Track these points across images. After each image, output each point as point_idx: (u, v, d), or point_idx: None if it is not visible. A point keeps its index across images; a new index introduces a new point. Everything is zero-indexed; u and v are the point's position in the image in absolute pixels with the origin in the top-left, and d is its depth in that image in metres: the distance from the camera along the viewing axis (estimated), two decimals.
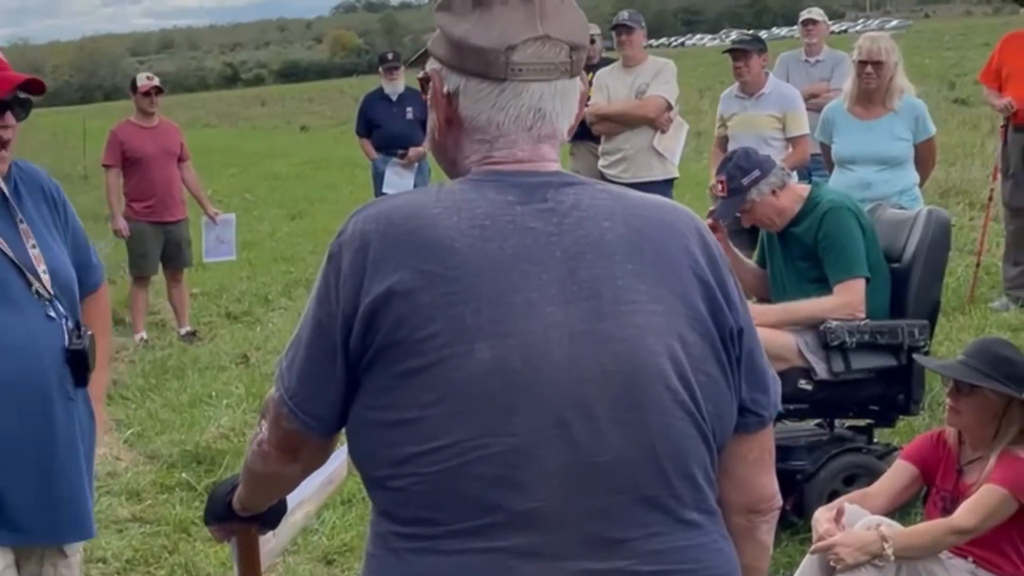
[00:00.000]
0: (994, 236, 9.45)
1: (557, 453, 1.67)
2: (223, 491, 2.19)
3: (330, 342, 1.72)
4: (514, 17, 1.74)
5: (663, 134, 7.75)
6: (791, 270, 4.96)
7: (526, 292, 1.68)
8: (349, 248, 1.72)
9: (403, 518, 1.71)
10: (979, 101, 12.14)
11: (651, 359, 1.70)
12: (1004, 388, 3.74)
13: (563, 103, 1.80)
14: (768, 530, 1.95)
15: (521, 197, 1.74)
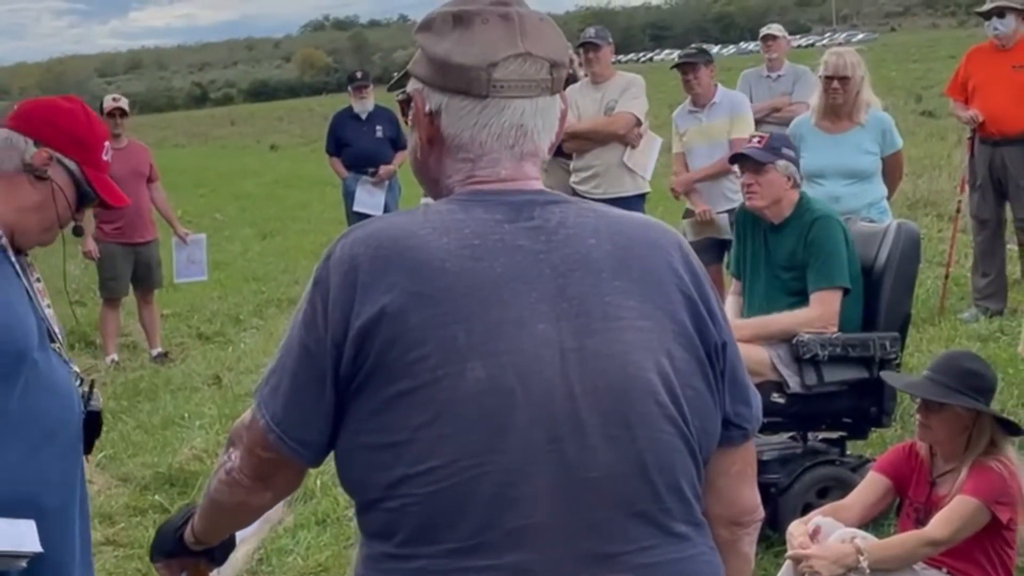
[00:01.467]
0: (962, 247, 9.52)
1: (550, 470, 1.68)
2: (173, 525, 2.17)
3: (319, 367, 1.72)
4: (495, 35, 1.77)
5: (633, 149, 7.79)
6: (773, 281, 4.98)
7: (518, 310, 1.70)
8: (338, 271, 1.72)
9: (397, 539, 1.71)
10: (946, 113, 12.25)
11: (640, 375, 1.72)
12: (973, 403, 3.77)
13: (544, 120, 1.82)
14: (750, 542, 1.98)
15: (508, 216, 1.76)
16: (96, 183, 2.77)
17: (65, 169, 2.73)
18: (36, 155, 2.69)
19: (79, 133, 2.76)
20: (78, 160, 2.75)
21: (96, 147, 2.78)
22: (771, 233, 5.03)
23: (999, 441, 3.84)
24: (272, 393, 1.78)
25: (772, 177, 4.95)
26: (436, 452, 1.67)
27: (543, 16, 1.84)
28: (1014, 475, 3.78)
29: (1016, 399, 6.12)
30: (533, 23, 1.80)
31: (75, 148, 2.74)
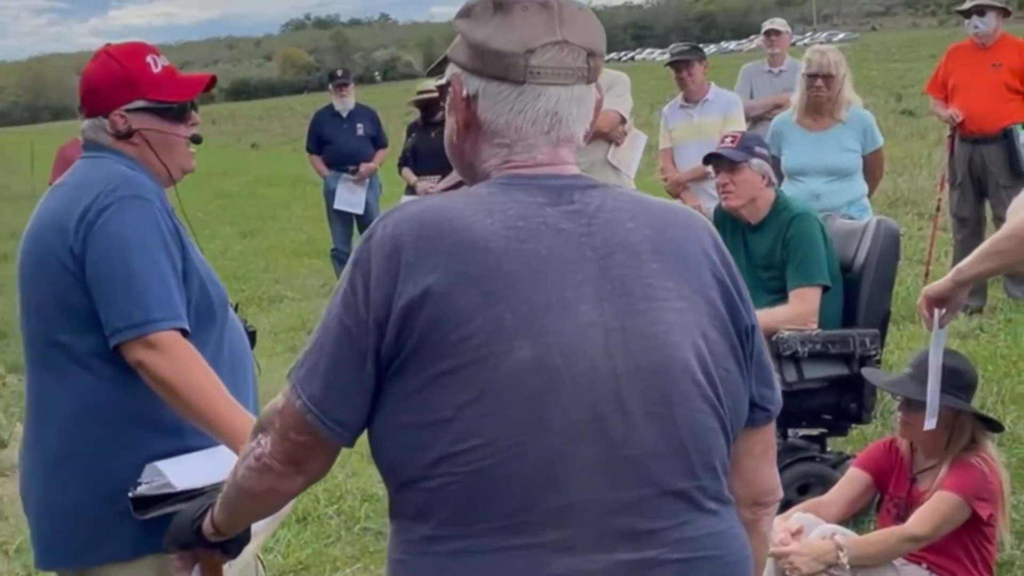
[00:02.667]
0: (942, 245, 9.55)
1: (591, 448, 1.71)
2: (190, 516, 2.17)
3: (359, 348, 1.73)
4: (534, 22, 1.80)
5: (618, 147, 7.79)
6: (752, 280, 4.98)
7: (562, 291, 1.72)
8: (380, 252, 1.74)
9: (436, 520, 1.72)
10: (926, 112, 12.29)
11: (679, 355, 1.76)
12: (954, 402, 3.78)
13: (579, 108, 1.85)
14: (768, 522, 2.02)
15: (550, 199, 1.79)
16: (167, 97, 2.83)
17: (140, 112, 2.81)
18: (110, 124, 2.80)
19: (118, 78, 2.81)
20: (138, 96, 2.81)
21: (138, 76, 2.82)
22: (750, 232, 5.04)
23: (979, 438, 3.86)
24: (309, 374, 1.78)
25: (746, 176, 4.96)
26: (479, 430, 1.69)
27: (582, 5, 1.87)
28: (994, 471, 3.79)
29: (996, 396, 6.15)
30: (572, 12, 1.83)
31: (126, 92, 2.81)
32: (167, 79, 2.83)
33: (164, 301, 2.60)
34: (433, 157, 9.20)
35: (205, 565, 2.21)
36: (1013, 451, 5.34)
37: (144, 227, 2.65)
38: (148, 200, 2.68)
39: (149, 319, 2.58)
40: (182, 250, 2.70)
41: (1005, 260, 3.27)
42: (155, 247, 2.64)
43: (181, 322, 2.63)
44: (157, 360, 2.57)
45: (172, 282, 2.64)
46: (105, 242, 2.62)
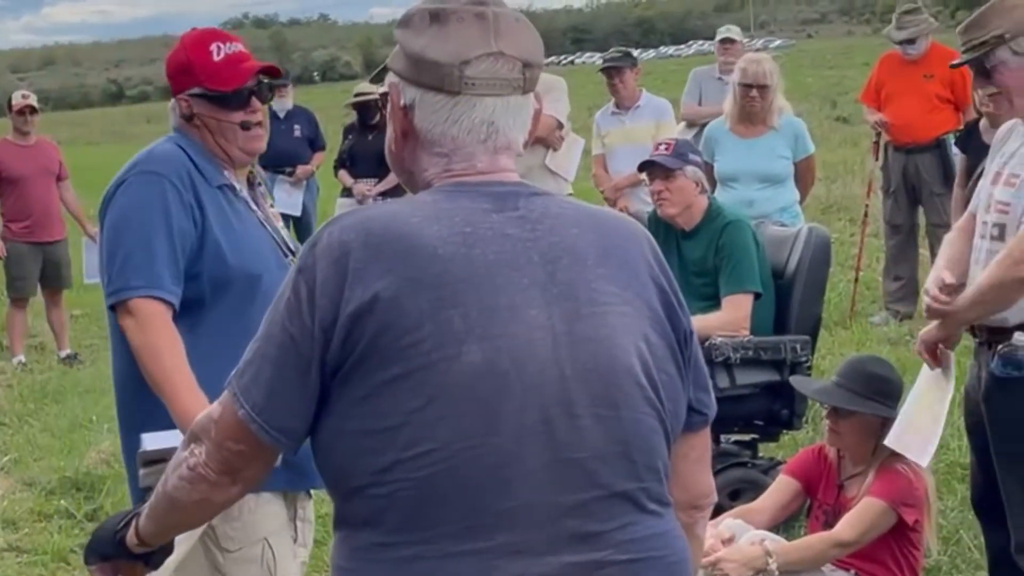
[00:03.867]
0: (874, 251, 9.67)
1: (540, 451, 1.72)
2: (112, 527, 2.12)
3: (304, 355, 1.73)
4: (469, 33, 1.82)
5: (555, 152, 7.79)
6: (685, 287, 4.97)
7: (510, 296, 1.74)
8: (326, 258, 1.73)
9: (387, 526, 1.72)
10: (859, 119, 12.43)
11: (624, 358, 1.78)
12: (881, 410, 3.82)
13: (516, 118, 1.86)
14: (703, 526, 2.06)
15: (495, 206, 1.80)
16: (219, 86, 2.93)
17: (198, 98, 2.94)
18: (178, 107, 2.98)
19: (181, 64, 2.97)
20: (196, 84, 2.94)
21: (197, 64, 2.94)
22: (683, 239, 5.06)
23: None
24: (252, 383, 1.77)
25: (681, 183, 4.99)
26: (430, 435, 1.69)
27: (519, 16, 1.87)
28: (920, 477, 3.83)
29: None
30: (508, 23, 1.84)
31: (186, 79, 2.95)
32: (225, 67, 2.93)
33: (144, 270, 2.78)
34: (370, 160, 9.18)
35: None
36: (940, 457, 5.39)
37: (145, 201, 2.83)
38: (160, 175, 2.85)
39: (126, 286, 2.79)
40: (201, 224, 2.85)
41: (991, 308, 3.42)
42: (151, 220, 2.80)
43: (159, 291, 2.78)
44: (130, 325, 2.79)
45: (161, 254, 2.78)
46: (111, 214, 2.87)
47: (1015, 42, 3.41)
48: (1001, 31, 3.42)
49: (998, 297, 3.39)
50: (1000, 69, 3.45)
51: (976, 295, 3.44)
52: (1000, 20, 3.44)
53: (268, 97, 3.04)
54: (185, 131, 2.98)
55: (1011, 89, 3.47)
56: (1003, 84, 3.48)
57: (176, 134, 3.00)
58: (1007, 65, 3.44)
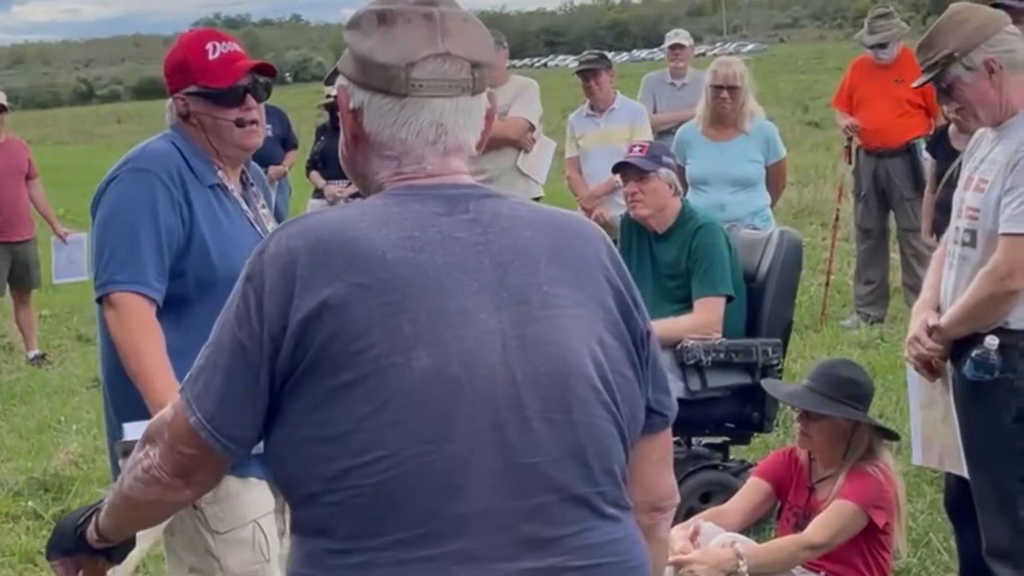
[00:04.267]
0: (844, 255, 9.71)
1: (492, 457, 1.71)
2: (72, 522, 2.13)
3: (252, 363, 1.73)
4: (415, 35, 1.80)
5: (527, 154, 7.79)
6: (658, 289, 5.02)
7: (460, 300, 1.72)
8: (274, 265, 1.73)
9: (339, 533, 1.70)
10: (831, 124, 12.49)
11: (577, 361, 1.76)
12: (851, 413, 3.84)
13: (466, 119, 1.84)
14: (666, 527, 2.06)
15: (445, 209, 1.79)
16: (213, 83, 2.97)
17: (194, 96, 2.99)
18: (175, 105, 3.02)
19: (177, 64, 3.02)
20: (191, 82, 2.99)
21: (192, 62, 2.98)
22: (656, 242, 5.07)
23: (876, 447, 3.92)
24: (204, 390, 1.77)
25: (655, 185, 5.00)
26: (382, 442, 1.68)
27: (467, 15, 1.85)
28: (890, 480, 3.85)
29: (895, 405, 6.23)
30: (455, 23, 1.82)
31: (183, 77, 3.00)
32: (220, 66, 2.98)
33: (128, 265, 2.85)
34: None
35: (88, 572, 2.17)
36: (910, 460, 5.40)
37: (134, 197, 2.89)
38: (150, 172, 2.91)
39: (111, 280, 2.87)
40: (189, 223, 2.90)
41: (981, 323, 3.45)
42: (139, 216, 2.86)
43: (142, 287, 2.84)
44: (112, 318, 2.86)
45: (147, 249, 2.85)
46: (101, 210, 2.94)
47: (966, 58, 3.44)
48: (950, 50, 3.46)
49: (987, 312, 3.44)
50: (957, 86, 3.49)
51: (964, 312, 3.48)
52: (947, 38, 3.48)
53: (263, 95, 3.06)
54: (181, 129, 3.02)
55: (972, 103, 3.51)
56: (963, 99, 3.52)
57: (172, 132, 3.04)
58: (963, 81, 3.48)
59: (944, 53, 3.47)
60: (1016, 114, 3.45)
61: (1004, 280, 3.36)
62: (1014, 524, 3.51)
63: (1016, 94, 3.45)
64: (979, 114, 3.51)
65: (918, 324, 3.65)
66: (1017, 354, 3.42)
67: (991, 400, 3.48)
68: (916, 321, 3.69)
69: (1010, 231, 3.36)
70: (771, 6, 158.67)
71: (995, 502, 3.56)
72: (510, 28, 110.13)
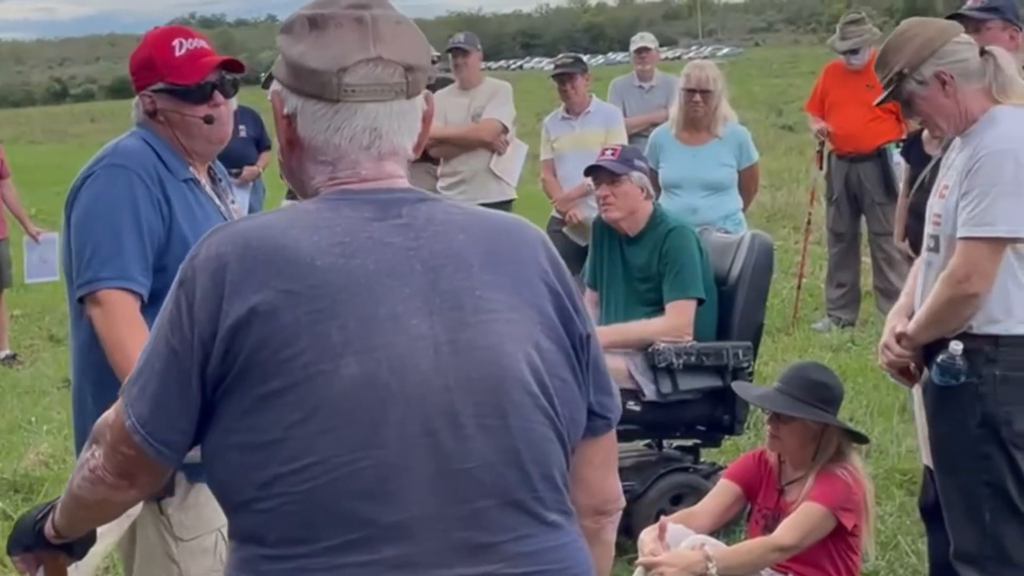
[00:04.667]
0: (817, 259, 9.76)
1: (426, 463, 1.70)
2: (32, 518, 2.14)
3: (184, 368, 1.72)
4: (347, 39, 1.79)
5: (500, 156, 7.80)
6: (629, 292, 5.04)
7: (390, 306, 1.71)
8: (204, 270, 1.72)
9: (271, 540, 1.70)
10: (805, 128, 12.55)
11: (512, 366, 1.75)
12: (821, 416, 3.87)
13: (401, 122, 1.83)
14: (612, 531, 2.03)
15: (377, 214, 1.77)
16: (180, 80, 2.95)
17: (161, 93, 2.98)
18: (141, 103, 3.01)
19: (143, 61, 3.00)
20: (158, 79, 2.97)
21: (159, 59, 2.96)
22: (627, 244, 5.09)
23: (845, 449, 3.94)
24: (140, 394, 1.77)
25: (627, 188, 5.02)
26: (312, 449, 1.67)
27: (400, 18, 1.83)
28: (859, 482, 3.88)
29: (865, 408, 6.28)
30: (388, 27, 1.81)
31: (149, 74, 2.99)
32: (186, 62, 2.96)
33: (113, 262, 2.84)
34: None
35: (49, 567, 2.19)
36: (879, 463, 5.46)
37: (114, 194, 2.88)
38: (128, 168, 2.90)
39: (96, 277, 2.85)
40: (168, 218, 2.89)
41: (945, 327, 3.48)
42: (120, 212, 2.86)
43: (128, 283, 2.84)
44: (98, 315, 2.84)
45: (131, 246, 2.84)
46: (80, 206, 2.92)
47: (916, 73, 3.50)
48: (900, 67, 3.52)
49: (948, 316, 3.47)
50: (914, 100, 3.55)
51: (927, 317, 3.52)
52: (897, 56, 3.54)
53: (231, 91, 3.04)
54: (149, 126, 3.01)
55: (931, 115, 3.57)
56: (922, 112, 3.58)
57: (140, 129, 3.02)
58: (918, 95, 3.54)
59: (895, 70, 3.54)
60: (977, 122, 3.50)
61: (962, 284, 3.40)
62: (980, 528, 3.54)
63: (974, 102, 3.50)
64: (940, 124, 3.57)
65: (888, 331, 3.69)
66: (981, 359, 3.46)
67: (957, 405, 3.51)
68: (887, 327, 3.72)
69: (966, 235, 3.40)
70: (746, 10, 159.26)
71: (962, 506, 3.59)
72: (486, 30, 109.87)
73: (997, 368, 3.45)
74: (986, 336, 3.45)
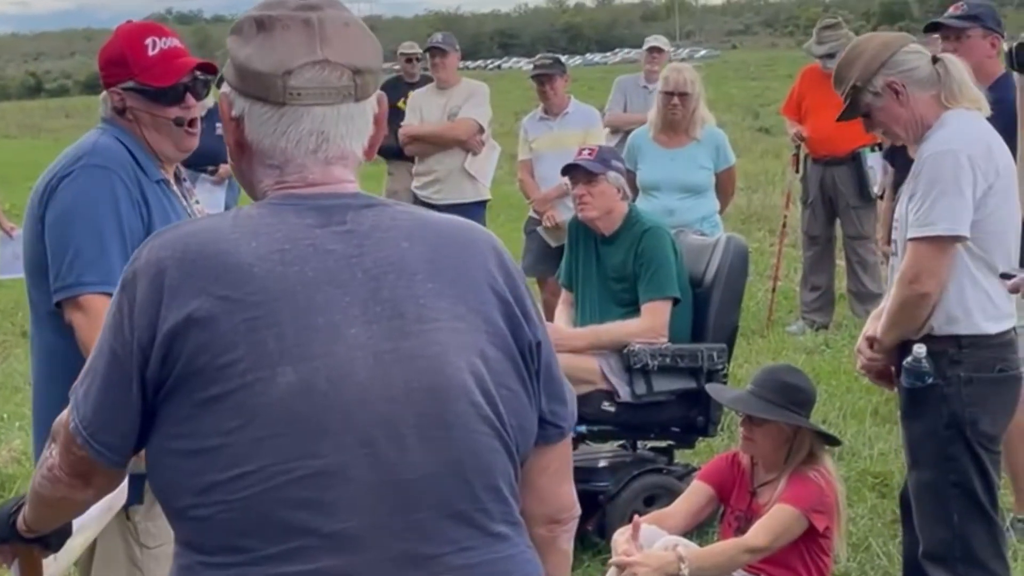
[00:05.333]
0: (791, 262, 9.80)
1: (365, 473, 1.67)
2: (6, 511, 2.14)
3: (125, 372, 1.71)
4: (293, 41, 1.76)
5: (474, 156, 7.81)
6: (604, 292, 5.06)
7: (329, 314, 1.69)
8: (144, 275, 1.70)
9: (209, 547, 1.69)
10: (782, 131, 12.62)
11: (455, 375, 1.73)
12: (794, 419, 3.89)
13: (349, 126, 1.80)
14: (568, 539, 2.01)
15: (320, 220, 1.75)
16: (152, 81, 2.91)
17: (131, 91, 2.93)
18: (110, 99, 2.95)
19: (114, 57, 2.95)
20: (129, 77, 2.92)
21: (131, 57, 2.91)
22: (602, 244, 5.11)
23: (817, 452, 3.96)
24: (85, 395, 1.77)
25: (603, 188, 5.03)
26: (247, 457, 1.65)
27: (349, 20, 1.81)
28: (831, 485, 3.90)
29: (838, 410, 6.31)
30: (335, 29, 1.78)
31: (119, 71, 2.93)
32: (159, 63, 2.92)
33: (96, 266, 2.77)
34: None
35: (24, 559, 2.19)
36: (852, 465, 5.49)
37: (95, 195, 2.82)
38: (107, 169, 2.84)
39: (79, 282, 2.78)
40: (148, 220, 2.84)
41: (905, 328, 3.55)
42: (102, 214, 2.80)
43: (111, 287, 2.77)
44: (82, 322, 2.77)
45: (113, 249, 2.78)
46: (58, 207, 2.83)
47: (869, 85, 3.56)
48: (853, 80, 3.59)
49: (905, 318, 3.54)
50: (872, 112, 3.62)
51: (888, 320, 3.59)
52: (850, 71, 3.61)
53: (204, 94, 3.01)
54: (116, 124, 2.95)
55: (888, 124, 3.63)
56: (880, 123, 3.64)
57: (108, 126, 2.96)
58: (874, 106, 3.60)
59: (850, 84, 3.61)
60: (931, 127, 3.55)
61: (912, 284, 3.47)
62: (949, 529, 3.58)
63: (927, 109, 3.56)
64: (899, 133, 3.64)
65: (862, 334, 3.74)
66: (945, 361, 3.51)
67: (924, 407, 3.57)
68: (862, 332, 3.78)
69: (912, 235, 3.49)
70: (724, 12, 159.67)
71: (931, 507, 3.63)
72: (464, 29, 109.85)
73: (961, 370, 3.51)
74: (948, 337, 3.52)
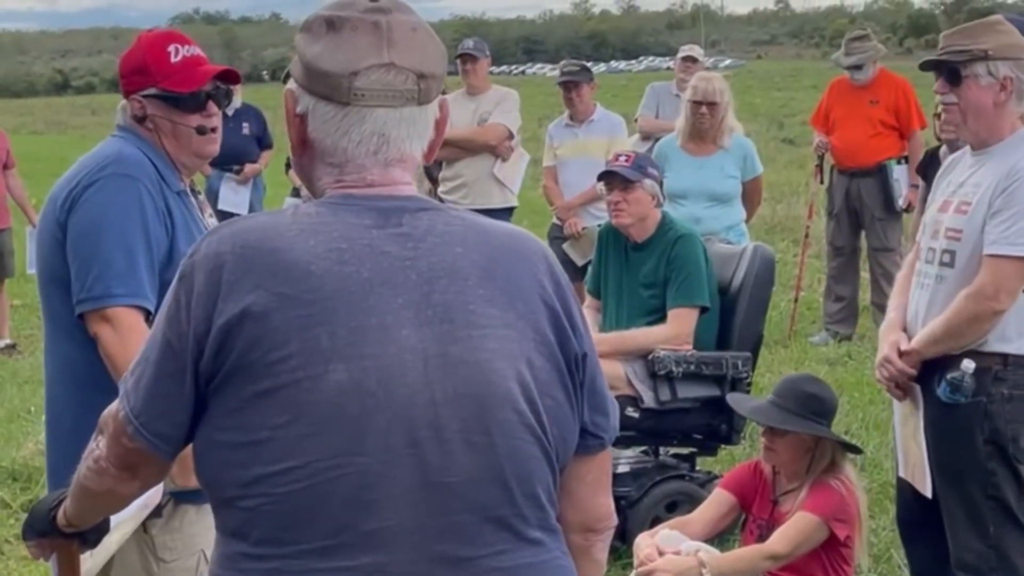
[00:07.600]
0: (814, 272, 9.79)
1: (408, 474, 1.70)
2: (46, 505, 2.16)
3: (179, 362, 1.73)
4: (361, 43, 1.79)
5: (503, 162, 7.83)
6: (632, 299, 5.07)
7: (381, 315, 1.72)
8: (202, 268, 1.73)
9: (252, 538, 1.72)
10: (806, 141, 12.62)
11: (501, 383, 1.75)
12: (815, 429, 3.90)
13: (411, 129, 1.83)
14: (603, 548, 2.03)
15: (377, 221, 1.77)
16: (175, 87, 2.88)
17: (153, 99, 2.89)
18: (130, 107, 2.91)
19: (136, 64, 2.91)
20: (151, 84, 2.89)
21: (154, 64, 2.89)
22: (633, 251, 5.13)
23: (839, 460, 3.97)
24: (136, 385, 1.79)
25: (639, 195, 5.05)
26: (294, 452, 1.68)
27: (417, 25, 1.83)
28: (852, 494, 3.91)
29: (860, 421, 6.32)
30: (403, 33, 1.80)
31: (142, 79, 2.90)
32: (182, 69, 2.90)
33: (125, 278, 2.73)
34: None
35: (62, 554, 2.22)
36: (874, 476, 5.50)
37: (122, 205, 2.77)
38: (135, 179, 2.80)
39: (108, 293, 2.73)
40: (171, 232, 2.81)
41: (963, 342, 3.51)
42: (129, 225, 2.76)
43: (140, 300, 2.74)
44: (108, 334, 2.72)
45: (141, 260, 2.75)
46: (83, 217, 2.77)
47: (993, 63, 3.49)
48: (987, 47, 3.50)
49: (969, 331, 3.50)
50: (969, 82, 3.52)
51: (944, 331, 3.53)
52: (989, 37, 3.52)
53: (224, 102, 2.99)
54: (135, 132, 2.92)
55: (970, 104, 3.54)
56: (966, 96, 3.54)
57: (127, 134, 2.93)
58: (977, 80, 3.51)
59: (981, 47, 3.50)
60: (1003, 141, 3.52)
61: (989, 300, 3.43)
62: (984, 540, 3.59)
63: (1008, 121, 3.53)
64: (968, 120, 3.55)
65: (888, 345, 3.70)
66: (990, 377, 3.49)
67: (964, 422, 3.54)
68: (886, 343, 3.73)
69: (998, 252, 3.44)
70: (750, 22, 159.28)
71: (965, 518, 3.63)
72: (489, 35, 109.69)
73: (1004, 387, 3.50)
74: (996, 354, 3.49)
